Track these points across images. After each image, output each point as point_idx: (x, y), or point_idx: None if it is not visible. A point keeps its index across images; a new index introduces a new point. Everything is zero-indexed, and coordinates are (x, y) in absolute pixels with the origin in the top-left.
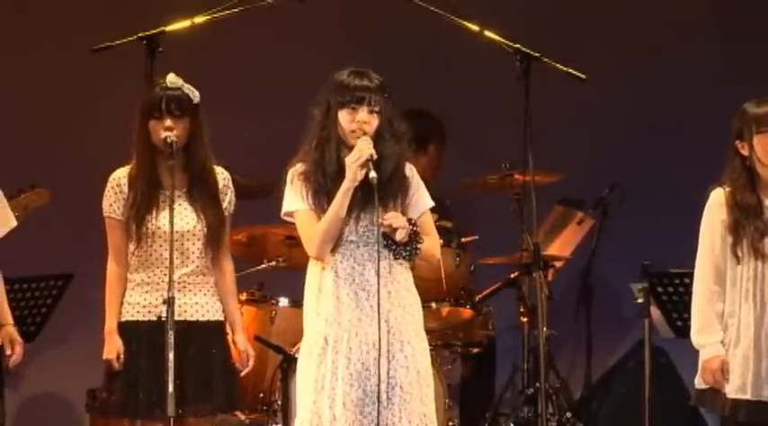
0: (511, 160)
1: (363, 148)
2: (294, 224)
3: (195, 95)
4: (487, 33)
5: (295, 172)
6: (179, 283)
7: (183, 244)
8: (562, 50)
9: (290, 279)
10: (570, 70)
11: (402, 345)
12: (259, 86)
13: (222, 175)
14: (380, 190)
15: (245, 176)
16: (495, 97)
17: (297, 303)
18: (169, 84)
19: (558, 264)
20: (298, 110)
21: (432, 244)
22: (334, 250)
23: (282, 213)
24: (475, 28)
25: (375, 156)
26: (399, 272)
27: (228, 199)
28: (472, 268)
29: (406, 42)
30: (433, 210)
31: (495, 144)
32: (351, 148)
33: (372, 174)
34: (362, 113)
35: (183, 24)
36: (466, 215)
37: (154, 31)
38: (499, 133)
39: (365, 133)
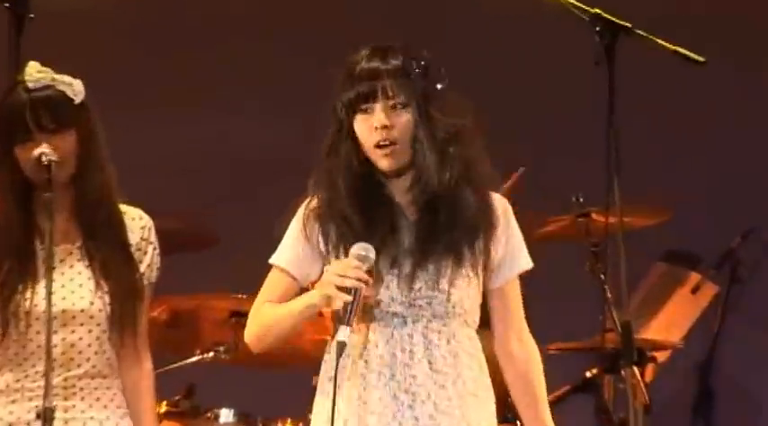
0: (586, 193)
1: (348, 269)
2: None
3: (77, 91)
4: None
5: (308, 207)
6: (64, 388)
7: (73, 331)
8: (658, 23)
9: (238, 379)
10: (681, 50)
11: None
12: (188, 74)
13: (140, 222)
14: (428, 247)
15: (167, 216)
16: (561, 93)
17: (248, 417)
18: (31, 83)
19: (662, 356)
20: (246, 110)
21: (539, 365)
22: (363, 323)
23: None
24: None
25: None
26: (468, 356)
27: (149, 260)
28: None
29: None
30: None
31: (562, 168)
32: (384, 173)
33: (341, 336)
34: (378, 114)
35: None
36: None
37: None
38: (567, 150)
39: (393, 143)
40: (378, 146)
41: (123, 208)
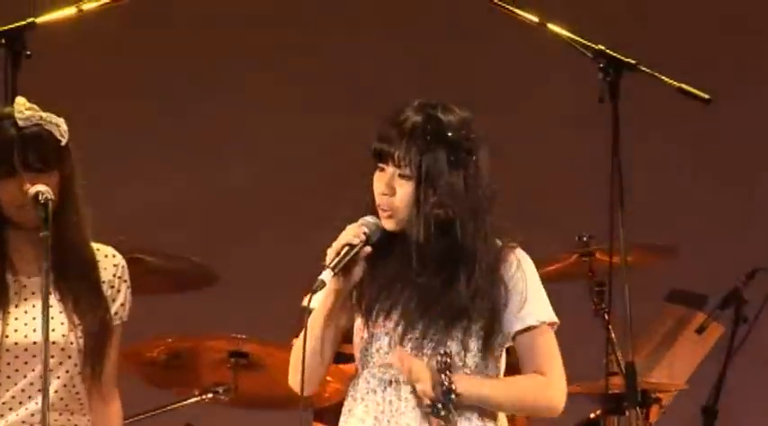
0: (589, 231)
1: (350, 229)
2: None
3: (62, 132)
4: (552, 27)
5: None
6: None
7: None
8: (659, 58)
9: (237, 420)
10: (686, 87)
11: None
12: (179, 111)
13: (113, 260)
14: (422, 309)
15: (166, 256)
16: (563, 130)
17: None
18: (20, 120)
19: (667, 398)
20: (248, 152)
21: (541, 387)
22: (366, 368)
23: None
24: (533, 18)
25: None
26: (468, 408)
27: (122, 299)
28: None
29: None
30: None
31: (565, 205)
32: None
33: (323, 275)
34: (383, 180)
35: (63, 13)
36: None
37: (18, 24)
38: (570, 187)
39: (390, 215)
40: (382, 209)
41: (96, 245)
